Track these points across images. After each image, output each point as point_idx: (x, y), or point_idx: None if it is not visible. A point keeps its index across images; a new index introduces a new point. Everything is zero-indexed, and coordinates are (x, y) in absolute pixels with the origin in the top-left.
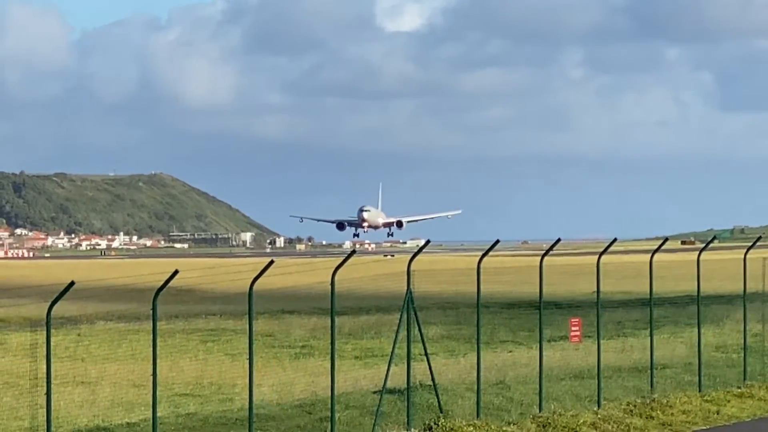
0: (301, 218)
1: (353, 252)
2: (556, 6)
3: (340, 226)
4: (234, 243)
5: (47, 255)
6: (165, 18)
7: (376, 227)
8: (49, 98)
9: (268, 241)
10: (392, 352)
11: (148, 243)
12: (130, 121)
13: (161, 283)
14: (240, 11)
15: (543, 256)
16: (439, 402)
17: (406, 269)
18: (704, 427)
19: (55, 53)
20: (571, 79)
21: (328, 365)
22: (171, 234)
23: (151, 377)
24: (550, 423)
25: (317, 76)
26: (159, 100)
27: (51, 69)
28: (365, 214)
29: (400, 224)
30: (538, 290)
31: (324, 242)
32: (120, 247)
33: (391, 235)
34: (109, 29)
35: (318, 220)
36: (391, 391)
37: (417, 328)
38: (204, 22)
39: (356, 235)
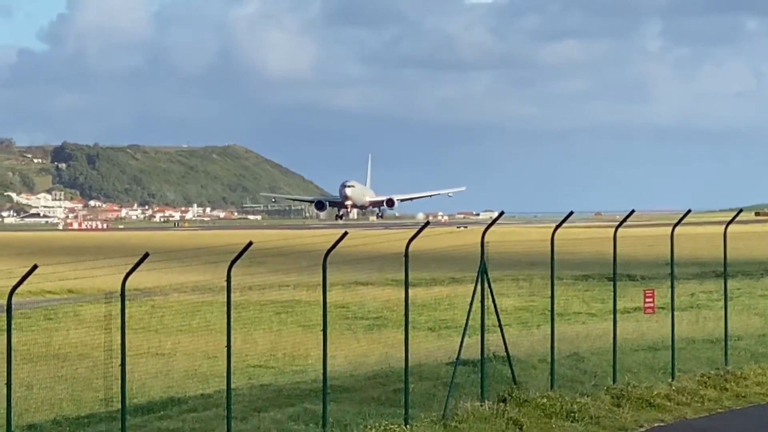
0: (274, 198)
1: (427, 223)
2: None
3: (320, 205)
4: (307, 215)
5: (121, 227)
6: None
7: (362, 207)
8: (126, 70)
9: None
10: (466, 324)
11: (222, 215)
12: (206, 93)
13: (235, 254)
14: None
15: (617, 227)
16: (513, 373)
17: (479, 241)
18: None
19: (134, 25)
20: (649, 50)
21: (402, 336)
22: (244, 205)
23: (225, 349)
24: (624, 395)
25: (397, 48)
26: (236, 72)
27: (129, 41)
28: (348, 191)
29: (390, 203)
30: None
31: (396, 214)
32: (193, 218)
33: (381, 215)
34: (188, 1)
35: (294, 200)
36: (465, 363)
37: (491, 300)
38: None
39: (339, 216)
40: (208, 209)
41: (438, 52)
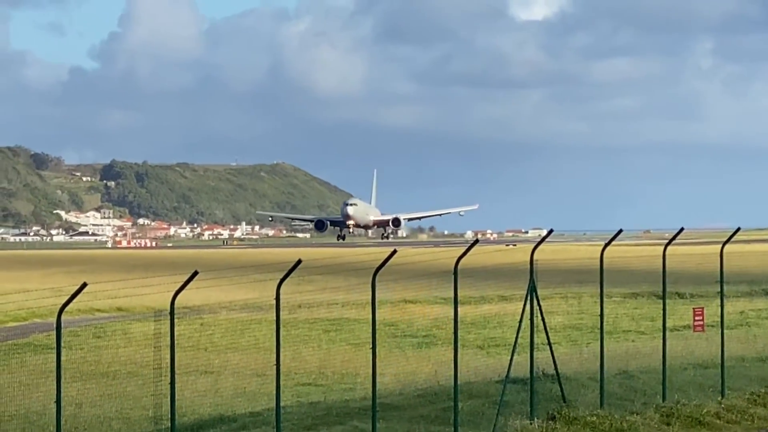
0: (271, 217)
1: (476, 241)
2: None
3: (320, 225)
4: (356, 233)
5: (170, 245)
6: (293, 8)
7: (366, 226)
8: (176, 88)
9: (390, 230)
10: (515, 342)
11: (270, 233)
12: (255, 111)
13: (284, 272)
14: (370, 2)
15: (666, 245)
16: (562, 391)
17: (528, 259)
18: None
19: (185, 43)
20: (700, 68)
21: (451, 354)
22: (293, 223)
23: (275, 367)
24: (673, 413)
25: (447, 66)
26: (286, 90)
27: (179, 59)
28: (350, 210)
29: (396, 222)
30: (660, 280)
31: (446, 232)
32: (242, 236)
33: (387, 237)
34: (238, 19)
35: (293, 219)
36: (514, 381)
37: (540, 318)
38: (333, 12)
39: (341, 237)
40: (256, 227)
41: (488, 69)
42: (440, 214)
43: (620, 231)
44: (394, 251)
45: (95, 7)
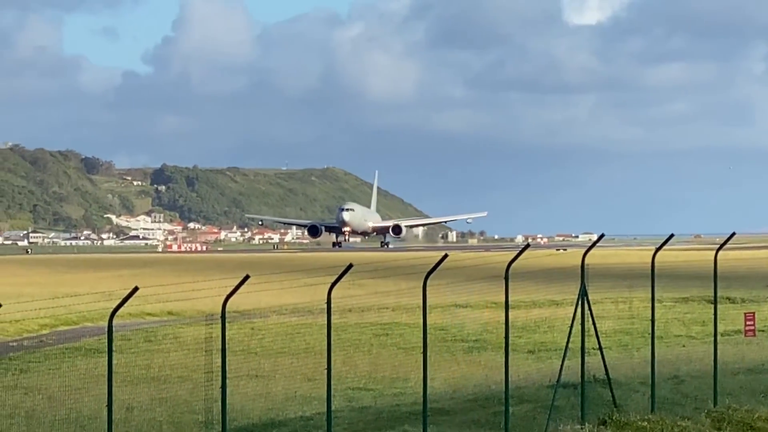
0: (261, 221)
1: (527, 245)
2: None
3: (313, 230)
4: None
5: (220, 249)
6: (345, 13)
7: (364, 233)
8: (228, 93)
9: (441, 235)
10: (566, 346)
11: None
12: (307, 116)
13: (335, 276)
14: (423, 7)
15: (717, 250)
16: (613, 396)
17: (579, 263)
18: None
19: (237, 48)
20: (754, 73)
21: (502, 359)
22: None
23: (326, 371)
24: (724, 418)
25: (500, 71)
26: (337, 95)
27: (232, 63)
28: (345, 215)
29: (397, 229)
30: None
31: (496, 236)
32: (292, 241)
33: (386, 244)
34: (290, 24)
35: (286, 223)
36: (565, 386)
37: (591, 322)
38: (385, 17)
39: (337, 244)
40: (305, 232)
41: (541, 74)
42: (445, 221)
43: (671, 236)
44: (446, 255)
45: (149, 11)
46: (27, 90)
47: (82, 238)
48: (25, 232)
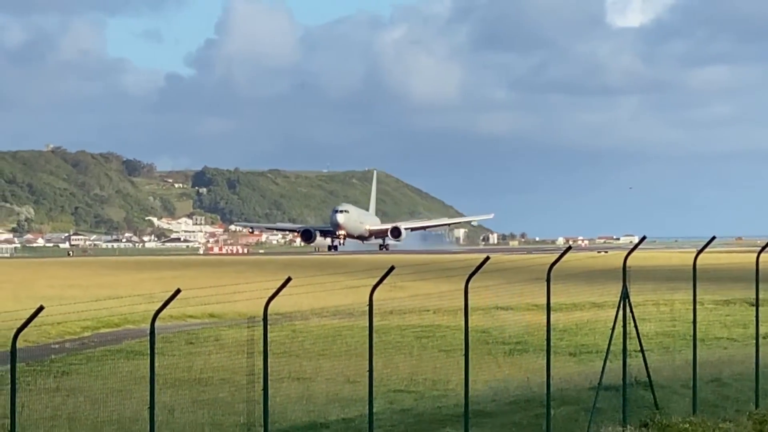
0: (252, 228)
1: (569, 248)
2: None
3: (307, 235)
4: (447, 239)
5: (261, 251)
6: (388, 16)
7: (361, 237)
8: (270, 95)
9: (482, 237)
10: (608, 348)
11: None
12: (349, 118)
13: (376, 279)
14: (466, 9)
15: (759, 252)
16: (654, 399)
17: (620, 265)
18: None
19: (280, 50)
20: None
21: (543, 361)
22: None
23: (367, 373)
24: (766, 420)
25: (543, 73)
26: (379, 98)
27: (274, 66)
28: (339, 218)
29: (396, 232)
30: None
31: (537, 238)
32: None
33: (385, 247)
34: (333, 27)
35: (278, 229)
36: (607, 388)
37: (632, 324)
38: (429, 19)
39: (333, 247)
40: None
41: (584, 76)
42: (449, 224)
43: (713, 238)
44: (487, 258)
45: (192, 14)
46: (70, 93)
47: (124, 240)
48: (66, 234)
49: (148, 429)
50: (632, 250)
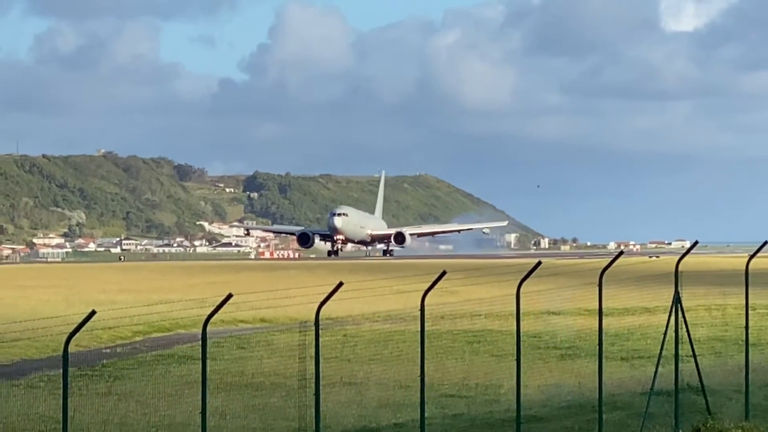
0: (247, 230)
1: (621, 253)
2: None
3: (304, 238)
4: (498, 244)
5: (312, 256)
6: (440, 21)
7: (363, 242)
8: (322, 100)
9: (533, 242)
10: (660, 353)
11: (414, 245)
12: (400, 123)
13: (428, 284)
14: (519, 14)
15: None
16: (707, 404)
17: (672, 270)
18: None
19: (332, 55)
20: None
21: (595, 366)
22: (436, 236)
23: (419, 378)
24: None
25: (596, 78)
26: (431, 102)
27: (327, 71)
28: (337, 221)
29: (400, 238)
30: None
31: (588, 243)
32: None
33: (390, 252)
34: (385, 31)
35: (275, 232)
36: (659, 393)
37: (684, 329)
38: (481, 24)
39: (333, 252)
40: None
41: (637, 81)
42: (459, 230)
43: (766, 242)
44: (539, 263)
45: (246, 19)
46: (122, 98)
47: (175, 245)
48: (117, 239)
49: None
50: (684, 255)
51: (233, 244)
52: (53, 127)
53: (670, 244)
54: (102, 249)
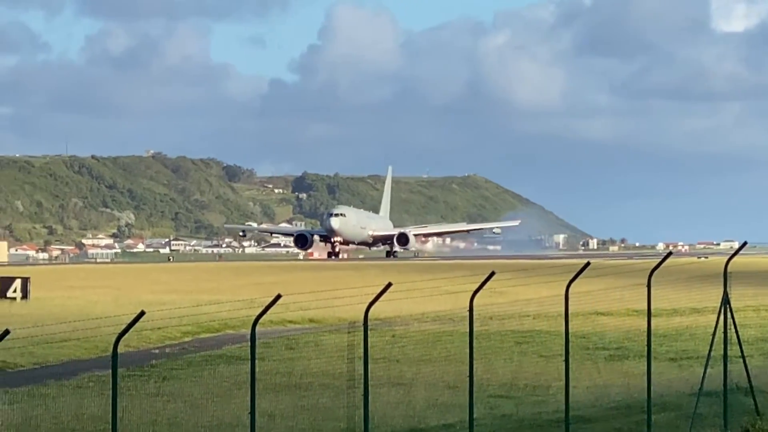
0: (243, 231)
1: (669, 254)
2: None
3: (301, 240)
4: (547, 245)
5: (361, 256)
6: (490, 22)
7: (363, 243)
8: (371, 101)
9: (581, 242)
10: (708, 354)
11: (462, 245)
12: (449, 124)
13: (477, 285)
14: (569, 15)
15: None
16: (756, 404)
17: (721, 271)
18: None
19: (382, 56)
20: None
21: (644, 367)
22: (484, 236)
23: (467, 378)
24: None
25: (646, 78)
26: (480, 103)
27: (376, 72)
28: (333, 222)
29: (403, 239)
30: None
31: (637, 243)
32: (433, 249)
33: (394, 254)
34: (435, 32)
35: (271, 232)
36: (707, 394)
37: (733, 330)
38: (531, 25)
39: (333, 254)
40: (447, 240)
41: (687, 82)
42: (469, 230)
43: None
44: (588, 264)
45: (296, 20)
46: (172, 98)
47: (224, 246)
48: (166, 240)
49: None
50: (733, 255)
51: (282, 244)
52: (103, 128)
53: (718, 244)
54: (151, 250)
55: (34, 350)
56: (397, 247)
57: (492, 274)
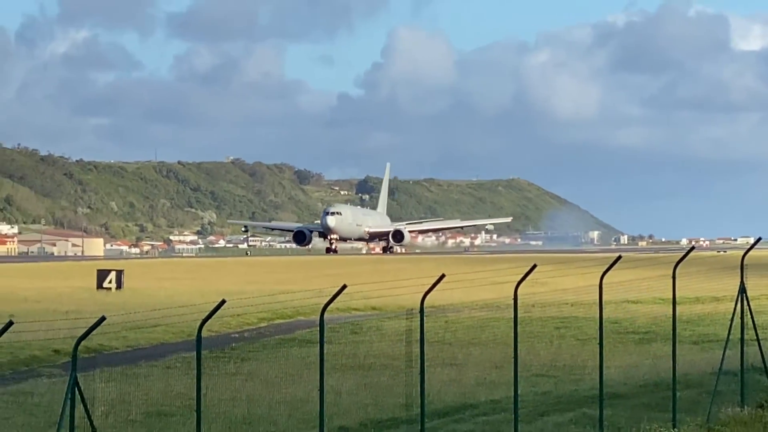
0: (245, 227)
1: (692, 248)
2: None
3: (300, 236)
4: (583, 240)
5: (417, 251)
6: (533, 42)
7: (360, 239)
8: (428, 112)
9: (613, 238)
10: (727, 338)
11: (507, 241)
12: (497, 133)
13: (520, 276)
14: (604, 35)
15: None
16: None
17: (738, 264)
18: None
19: (438, 72)
20: None
21: (670, 349)
22: (527, 232)
23: (512, 359)
24: None
25: (673, 92)
26: (525, 114)
27: (432, 86)
28: (329, 221)
29: (398, 236)
30: None
31: (663, 239)
32: (481, 244)
33: (390, 249)
34: (484, 51)
35: (272, 228)
36: (726, 373)
37: (749, 316)
38: (570, 45)
39: (331, 250)
40: (494, 236)
41: (710, 95)
42: (462, 227)
43: None
44: (619, 257)
45: (361, 40)
46: (250, 111)
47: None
48: (244, 237)
49: (317, 409)
50: (749, 249)
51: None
52: (188, 137)
53: (736, 240)
54: (231, 245)
55: (128, 335)
56: (392, 243)
57: (534, 266)
